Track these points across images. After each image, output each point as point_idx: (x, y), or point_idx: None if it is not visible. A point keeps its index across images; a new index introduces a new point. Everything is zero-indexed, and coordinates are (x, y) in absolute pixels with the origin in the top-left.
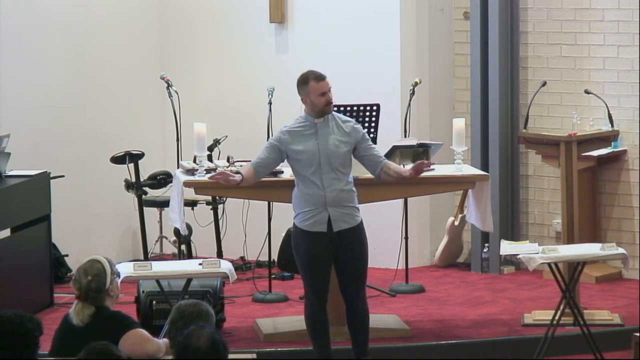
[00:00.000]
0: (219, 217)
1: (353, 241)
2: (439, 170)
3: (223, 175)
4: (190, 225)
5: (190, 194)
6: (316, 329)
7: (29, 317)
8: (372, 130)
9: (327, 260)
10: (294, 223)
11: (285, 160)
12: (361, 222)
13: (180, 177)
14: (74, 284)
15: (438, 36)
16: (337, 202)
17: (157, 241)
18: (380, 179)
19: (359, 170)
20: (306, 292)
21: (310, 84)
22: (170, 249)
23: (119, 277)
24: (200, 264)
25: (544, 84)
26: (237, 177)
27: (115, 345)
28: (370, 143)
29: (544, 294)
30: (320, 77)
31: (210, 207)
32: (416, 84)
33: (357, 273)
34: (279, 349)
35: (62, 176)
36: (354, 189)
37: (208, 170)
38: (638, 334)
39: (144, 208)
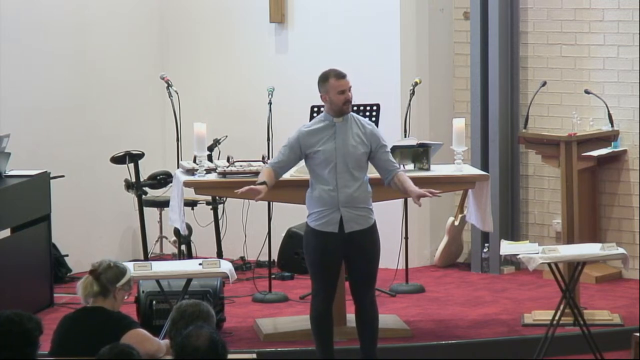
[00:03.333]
0: (219, 217)
1: (365, 243)
2: (439, 170)
3: (250, 192)
4: (190, 225)
5: (190, 194)
6: (320, 330)
7: (29, 316)
8: None
9: (337, 261)
10: (306, 223)
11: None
12: (374, 223)
13: (180, 177)
14: (95, 264)
15: (438, 36)
16: (350, 203)
17: (157, 241)
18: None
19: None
20: (313, 292)
21: (330, 81)
22: (170, 249)
23: (128, 295)
24: (200, 264)
25: (544, 84)
26: (262, 188)
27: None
28: (387, 149)
29: (544, 294)
30: (340, 75)
31: (210, 207)
32: (416, 84)
33: (367, 275)
34: (279, 349)
35: (62, 176)
36: (369, 189)
37: (208, 170)
38: (638, 334)
39: (144, 208)
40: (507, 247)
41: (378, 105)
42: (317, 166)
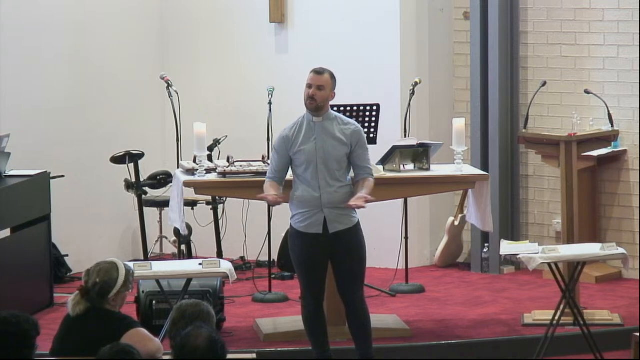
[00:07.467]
0: (219, 217)
1: (350, 242)
2: (439, 170)
3: (272, 199)
4: (190, 225)
5: (190, 194)
6: (314, 329)
7: (26, 317)
8: (372, 130)
9: (323, 261)
10: (290, 225)
11: None
12: (358, 222)
13: (180, 177)
14: (84, 275)
15: (438, 36)
16: (333, 203)
17: (157, 241)
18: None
19: None
20: (302, 292)
21: (309, 74)
22: (170, 249)
23: (131, 290)
24: (200, 264)
25: (544, 84)
26: (273, 197)
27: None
28: (364, 152)
29: (544, 294)
30: (315, 70)
31: (210, 207)
32: (416, 84)
33: (355, 274)
34: (279, 349)
35: (62, 176)
36: (351, 189)
37: (208, 170)
38: (638, 334)
39: (144, 208)
40: (507, 247)
41: (378, 105)
42: (299, 167)
